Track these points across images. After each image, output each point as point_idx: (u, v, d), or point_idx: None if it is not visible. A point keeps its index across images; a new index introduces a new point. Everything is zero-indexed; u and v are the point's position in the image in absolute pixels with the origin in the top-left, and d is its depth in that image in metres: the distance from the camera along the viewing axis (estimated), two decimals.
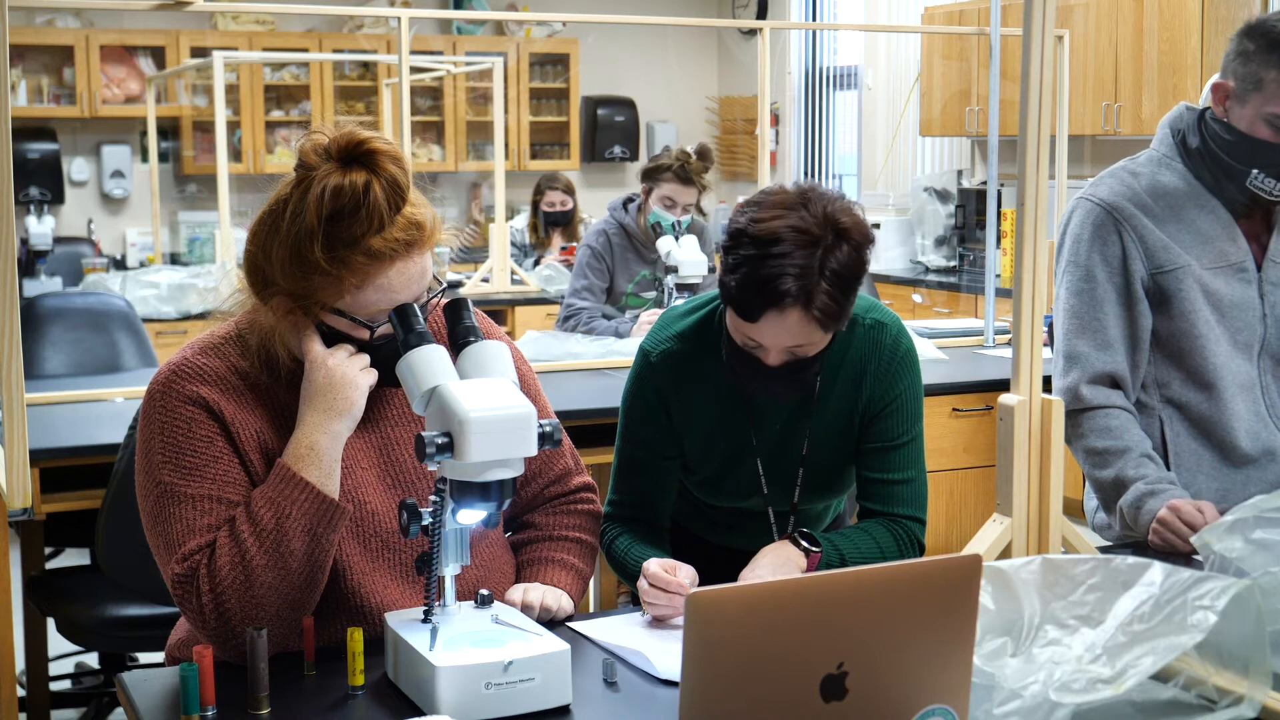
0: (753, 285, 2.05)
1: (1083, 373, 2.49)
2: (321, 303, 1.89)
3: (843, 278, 2.07)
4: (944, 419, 4.19)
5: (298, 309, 1.90)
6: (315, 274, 1.85)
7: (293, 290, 1.88)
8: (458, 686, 1.68)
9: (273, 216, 1.90)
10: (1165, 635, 1.61)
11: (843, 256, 2.06)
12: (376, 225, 1.84)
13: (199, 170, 8.38)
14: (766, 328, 2.09)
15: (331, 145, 1.87)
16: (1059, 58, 4.99)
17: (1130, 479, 2.41)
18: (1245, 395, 2.51)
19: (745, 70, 9.43)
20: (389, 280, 1.87)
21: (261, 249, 1.90)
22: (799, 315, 2.06)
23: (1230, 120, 2.45)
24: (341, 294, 1.87)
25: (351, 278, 1.85)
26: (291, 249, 1.86)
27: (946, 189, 7.77)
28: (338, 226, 1.84)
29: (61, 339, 4.48)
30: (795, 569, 2.18)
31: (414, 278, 1.90)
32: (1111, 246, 2.49)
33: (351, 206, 1.83)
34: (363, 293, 1.87)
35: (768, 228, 2.06)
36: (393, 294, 1.89)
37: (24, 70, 8.15)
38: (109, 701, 3.86)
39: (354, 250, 1.84)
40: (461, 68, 8.18)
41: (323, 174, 1.85)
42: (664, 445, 2.34)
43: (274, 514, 1.84)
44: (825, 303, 2.06)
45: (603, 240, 4.79)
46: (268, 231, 1.90)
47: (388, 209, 1.85)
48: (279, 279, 1.88)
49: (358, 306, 1.89)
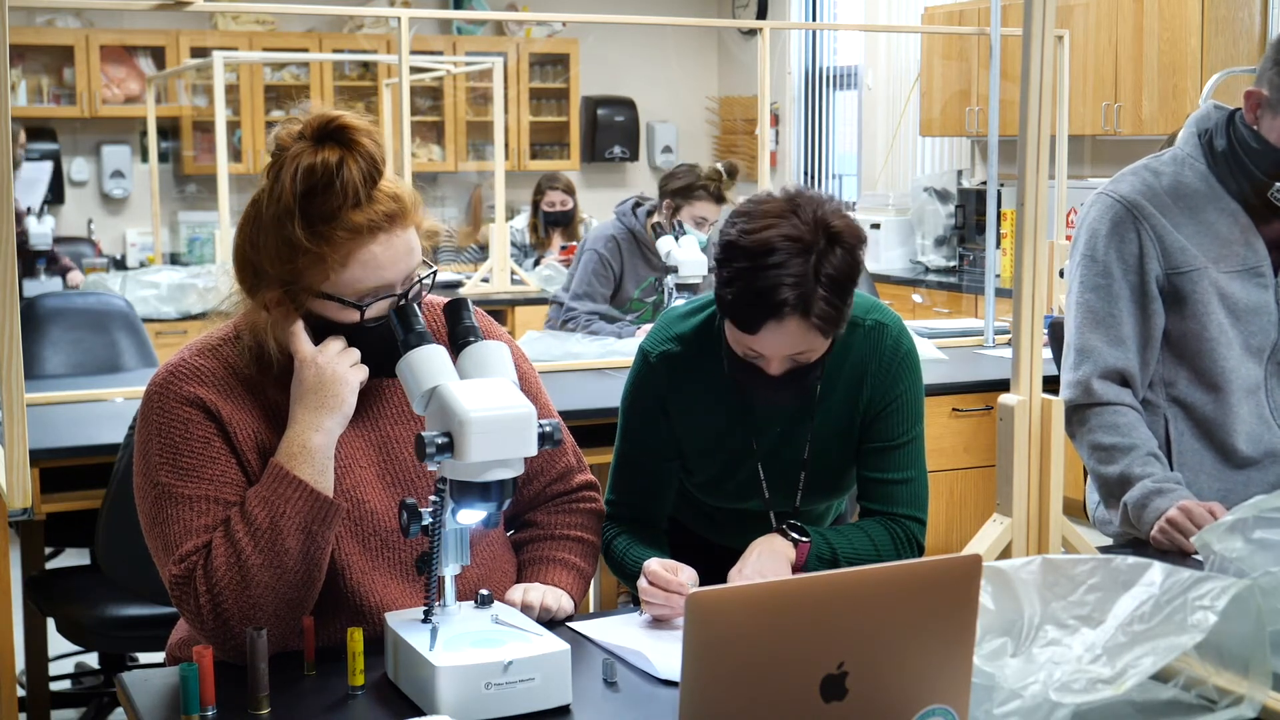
0: (750, 297, 2.05)
1: (1094, 367, 2.49)
2: (309, 287, 1.89)
3: (839, 282, 2.06)
4: (944, 419, 4.19)
5: (287, 299, 1.90)
6: (299, 255, 1.86)
7: (281, 276, 1.89)
8: (458, 686, 1.68)
9: (255, 207, 1.92)
10: (1165, 635, 1.61)
11: (837, 260, 2.06)
12: (353, 198, 1.85)
13: (199, 170, 8.38)
14: (767, 338, 2.09)
15: (304, 127, 1.88)
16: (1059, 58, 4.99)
17: (1136, 476, 2.41)
18: (1250, 398, 2.51)
19: (745, 70, 9.43)
20: (374, 255, 1.88)
21: (248, 240, 1.92)
22: (798, 323, 2.06)
23: (1260, 129, 2.43)
24: (326, 273, 1.87)
25: (334, 254, 1.86)
26: (274, 232, 1.87)
27: (946, 189, 7.77)
28: (314, 202, 1.85)
29: (61, 339, 4.48)
30: (785, 560, 2.19)
31: (400, 254, 1.90)
32: (1129, 244, 2.49)
33: (325, 181, 1.84)
34: (348, 270, 1.87)
35: (760, 238, 2.05)
36: (379, 270, 1.89)
37: (24, 70, 8.15)
38: (109, 701, 3.86)
39: (333, 225, 1.85)
40: (461, 68, 8.18)
41: (295, 153, 1.86)
42: (663, 447, 2.34)
43: (268, 513, 1.84)
44: (823, 309, 2.05)
45: (611, 246, 4.79)
46: (251, 222, 1.92)
47: (363, 182, 1.86)
48: (266, 266, 1.89)
49: (344, 286, 1.88)
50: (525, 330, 4.99)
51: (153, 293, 6.30)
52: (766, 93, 4.99)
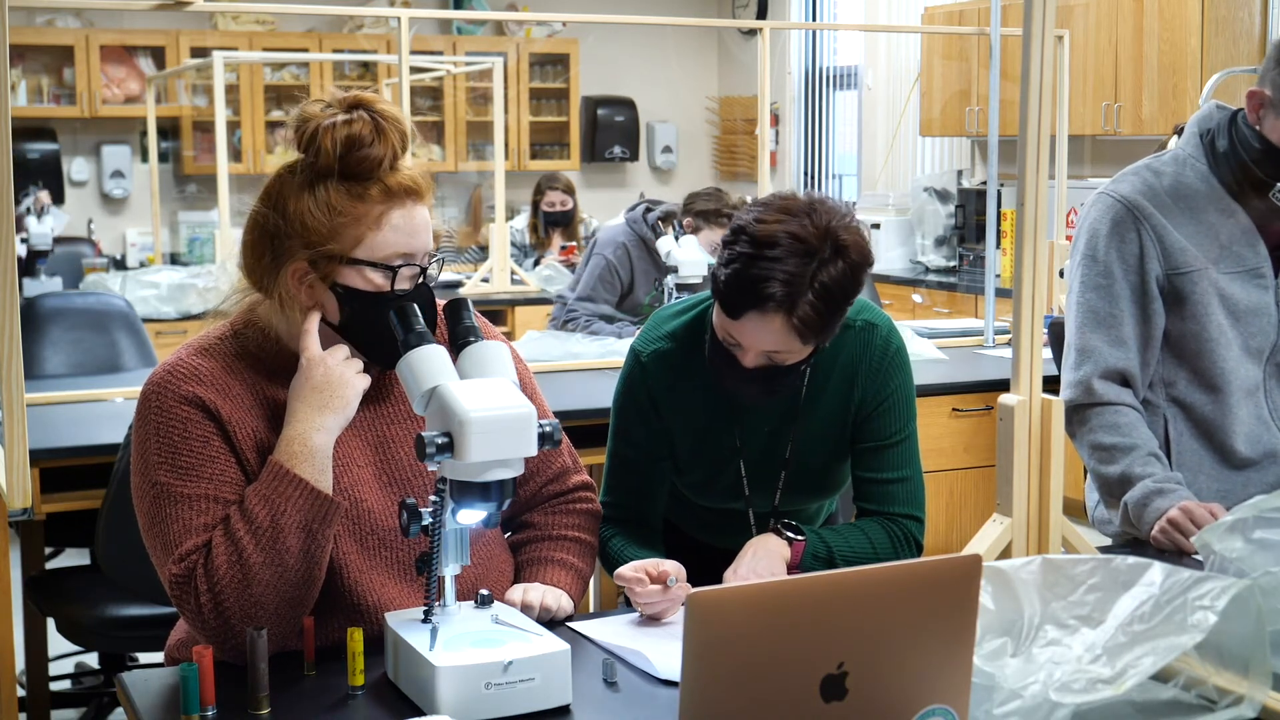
0: (740, 283, 2.07)
1: (1095, 367, 2.49)
2: (340, 253, 1.90)
3: (831, 293, 2.07)
4: (944, 419, 4.19)
5: (313, 271, 1.91)
6: (335, 216, 1.89)
7: (313, 242, 1.90)
8: (458, 686, 1.68)
9: (279, 180, 1.95)
10: (1165, 635, 1.61)
11: (835, 272, 2.07)
12: (391, 158, 1.91)
13: (199, 170, 8.38)
14: (747, 327, 2.10)
15: (332, 101, 1.94)
16: (1059, 58, 4.99)
17: (1137, 476, 2.41)
18: (1249, 399, 2.51)
19: (745, 70, 9.43)
20: (405, 219, 1.92)
21: (274, 209, 1.93)
22: (780, 321, 2.07)
23: (1262, 129, 2.43)
24: (361, 235, 1.90)
25: (370, 213, 1.90)
26: (308, 196, 1.90)
27: (946, 189, 7.77)
28: (351, 163, 1.89)
29: (61, 339, 4.48)
30: (780, 559, 2.20)
31: (423, 226, 1.95)
32: (1129, 244, 2.49)
33: (367, 139, 1.90)
34: (380, 233, 1.90)
35: (768, 230, 2.07)
36: (409, 236, 1.92)
37: (24, 70, 8.15)
38: (109, 701, 3.86)
39: (371, 184, 1.90)
40: (461, 68, 8.18)
41: (328, 122, 1.90)
42: (655, 445, 2.34)
43: (269, 511, 1.84)
44: (808, 313, 2.06)
45: (621, 254, 4.81)
46: (275, 193, 1.94)
47: (399, 144, 1.92)
48: (297, 232, 1.90)
49: (377, 249, 1.91)
50: (525, 330, 5.00)
51: (153, 293, 6.30)
52: (766, 93, 4.99)
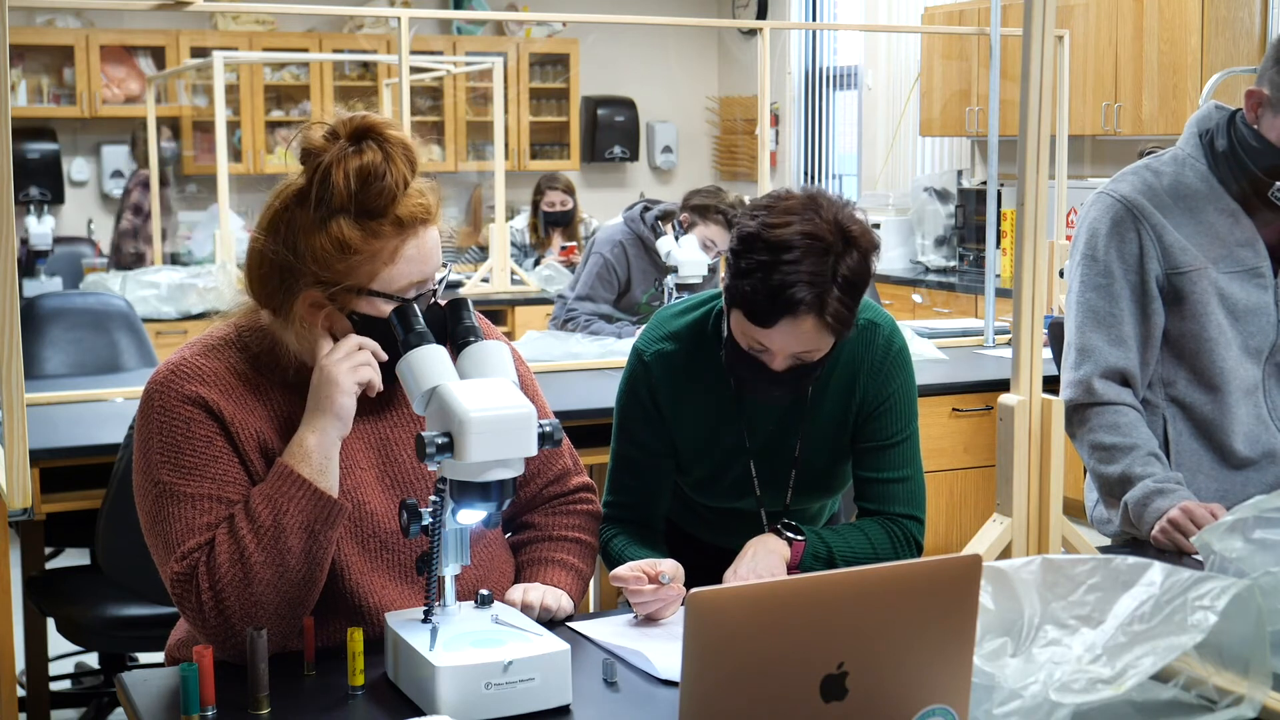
0: (767, 292, 2.06)
1: (1095, 366, 2.49)
2: (356, 287, 1.89)
3: (853, 284, 2.09)
4: (944, 419, 4.19)
5: (328, 301, 1.90)
6: (350, 254, 1.87)
7: (327, 278, 1.88)
8: (458, 686, 1.68)
9: (289, 212, 1.91)
10: (1165, 635, 1.61)
11: (853, 263, 2.08)
12: (402, 191, 1.89)
13: (199, 170, 8.38)
14: (779, 333, 2.10)
15: (337, 128, 1.90)
16: (1059, 58, 4.99)
17: (1137, 476, 2.41)
18: (1248, 399, 2.51)
19: (745, 70, 9.43)
20: (417, 250, 1.91)
21: (285, 245, 1.90)
22: (813, 322, 2.08)
23: (1261, 129, 2.43)
24: (375, 272, 1.89)
25: (385, 249, 1.88)
26: (325, 233, 1.87)
27: (946, 189, 7.77)
28: (367, 198, 1.87)
29: (61, 339, 4.48)
30: (780, 559, 2.20)
31: (434, 248, 1.94)
32: (1129, 244, 2.49)
33: (380, 170, 1.87)
34: (394, 267, 1.89)
35: (779, 234, 2.07)
36: (421, 265, 1.91)
37: (24, 70, 8.15)
38: (109, 701, 3.86)
39: (384, 220, 1.88)
40: (461, 68, 8.18)
41: (338, 153, 1.87)
42: (658, 445, 2.34)
43: (272, 511, 1.84)
44: (838, 309, 2.08)
45: (618, 253, 4.81)
46: (287, 226, 1.90)
47: (408, 173, 1.90)
48: (311, 268, 1.88)
49: (392, 282, 1.90)
50: (525, 330, 5.00)
51: (153, 293, 6.30)
52: (766, 93, 4.99)
